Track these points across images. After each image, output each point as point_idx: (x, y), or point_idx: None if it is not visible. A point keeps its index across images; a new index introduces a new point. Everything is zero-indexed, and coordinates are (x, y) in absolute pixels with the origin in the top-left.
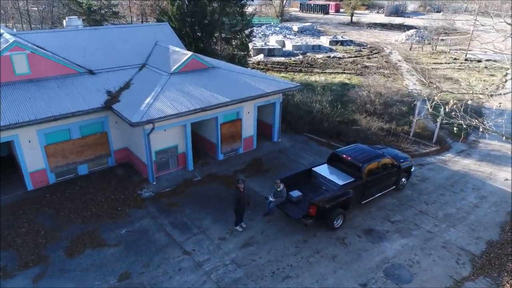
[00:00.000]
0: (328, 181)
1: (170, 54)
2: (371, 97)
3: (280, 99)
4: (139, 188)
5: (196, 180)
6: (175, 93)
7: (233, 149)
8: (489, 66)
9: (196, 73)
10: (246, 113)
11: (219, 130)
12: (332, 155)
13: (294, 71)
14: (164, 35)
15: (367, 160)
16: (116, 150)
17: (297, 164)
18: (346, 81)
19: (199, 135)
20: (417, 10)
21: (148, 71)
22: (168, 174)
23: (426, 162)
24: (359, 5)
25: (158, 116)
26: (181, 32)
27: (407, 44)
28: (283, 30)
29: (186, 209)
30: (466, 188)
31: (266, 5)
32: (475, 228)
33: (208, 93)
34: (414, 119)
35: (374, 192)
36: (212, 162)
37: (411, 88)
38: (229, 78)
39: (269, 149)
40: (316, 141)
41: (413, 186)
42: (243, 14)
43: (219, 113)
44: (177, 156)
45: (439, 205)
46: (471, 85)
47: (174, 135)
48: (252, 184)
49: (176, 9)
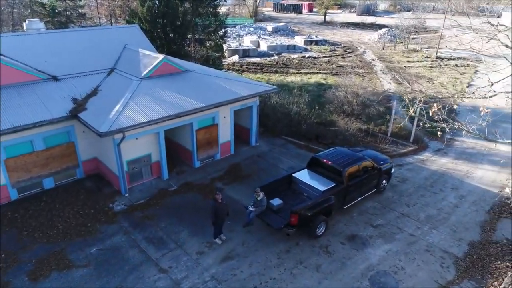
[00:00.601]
0: (309, 187)
1: (141, 58)
2: (348, 98)
3: (257, 102)
4: (110, 201)
5: (172, 190)
6: (147, 99)
7: (209, 155)
8: (459, 64)
9: (168, 77)
10: (223, 118)
11: (195, 137)
12: (312, 160)
13: (270, 72)
14: (133, 38)
15: (348, 164)
16: (84, 161)
17: (276, 169)
18: (322, 81)
19: (174, 141)
20: (388, 9)
21: (117, 76)
22: (142, 185)
23: (405, 162)
24: (331, 4)
25: (128, 125)
26: (153, 34)
27: (380, 43)
28: (257, 30)
29: (162, 222)
30: (445, 188)
31: (239, 5)
32: (456, 229)
33: (181, 98)
34: (391, 119)
35: (356, 196)
36: (188, 170)
37: (386, 88)
38: (203, 82)
39: (247, 154)
40: (295, 144)
41: (394, 187)
42: (216, 14)
43: (194, 118)
44: (151, 165)
45: (420, 207)
46: (443, 84)
47: (147, 143)
48: (230, 192)
49: (146, 10)
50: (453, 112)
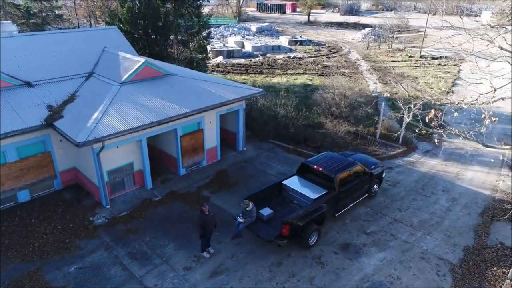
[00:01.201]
0: (299, 195)
1: (120, 61)
2: (336, 100)
3: (244, 106)
4: (90, 213)
5: (156, 200)
6: (127, 105)
7: (195, 162)
8: (442, 63)
9: (150, 82)
10: (208, 123)
11: (179, 143)
12: (302, 166)
13: (255, 73)
14: (113, 40)
15: (339, 169)
16: (62, 171)
17: (265, 175)
18: (308, 82)
19: (158, 148)
20: (370, 9)
21: (96, 81)
22: (124, 195)
23: (395, 165)
24: (315, 4)
25: (108, 133)
26: (134, 35)
27: (364, 42)
28: (241, 30)
29: (146, 236)
30: (437, 190)
31: (223, 5)
32: (450, 234)
33: (164, 104)
34: (380, 120)
35: (348, 202)
36: (173, 178)
37: (372, 88)
38: (187, 85)
39: (235, 160)
40: (283, 148)
41: (385, 191)
42: (199, 15)
43: (178, 124)
44: (133, 175)
45: (412, 211)
46: (429, 83)
47: (129, 151)
48: (218, 201)
49: (126, 11)
50: (441, 111)
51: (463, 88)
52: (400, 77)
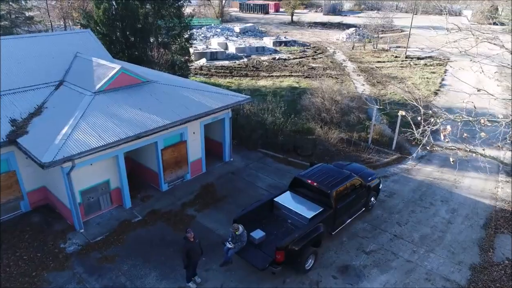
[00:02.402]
0: (294, 213)
1: (94, 68)
2: (326, 105)
3: (230, 114)
4: (62, 239)
5: (136, 221)
6: (101, 118)
7: (179, 176)
8: (428, 63)
9: (127, 90)
10: (191, 134)
11: (160, 157)
12: (295, 181)
13: (240, 75)
14: (86, 45)
15: (335, 184)
16: (30, 192)
17: (254, 188)
18: (295, 85)
19: (137, 162)
20: (353, 8)
21: (67, 90)
22: (100, 217)
23: (390, 173)
24: (298, 4)
25: (78, 152)
26: (112, 38)
27: (349, 42)
28: (224, 31)
29: (124, 264)
30: (435, 201)
31: (205, 6)
32: (454, 251)
33: (143, 115)
34: (372, 126)
35: (345, 219)
36: (154, 194)
37: (360, 90)
38: (168, 93)
39: (221, 171)
40: (272, 158)
41: (382, 203)
42: (180, 16)
43: (159, 137)
44: (110, 193)
45: (412, 225)
46: (416, 84)
47: (104, 168)
48: (204, 220)
49: (102, 13)
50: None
51: (450, 88)
52: (387, 78)
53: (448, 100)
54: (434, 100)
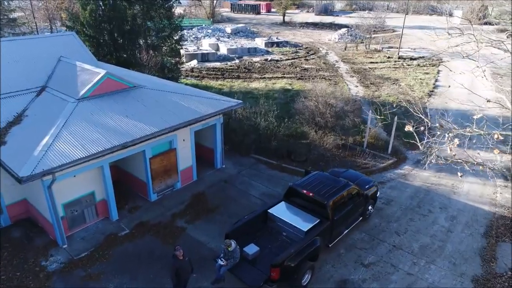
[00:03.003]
0: (289, 226)
1: (78, 73)
2: (320, 108)
3: (221, 120)
4: (43, 256)
5: (123, 235)
6: (85, 126)
7: (168, 185)
8: (421, 63)
9: (113, 96)
10: (181, 141)
11: (149, 166)
12: (290, 190)
13: (231, 77)
14: (70, 48)
15: (332, 194)
16: (10, 205)
17: (247, 196)
18: (288, 87)
19: (125, 171)
20: (344, 8)
21: (49, 96)
22: (85, 230)
23: (387, 179)
24: (290, 4)
25: (59, 164)
26: (99, 40)
27: (341, 43)
28: (216, 32)
29: (110, 283)
30: (434, 207)
31: (195, 6)
32: (455, 262)
33: (129, 123)
34: (367, 129)
35: (342, 229)
36: (143, 205)
37: (354, 92)
38: (156, 99)
39: (213, 179)
40: (266, 164)
41: (380, 211)
42: (170, 17)
43: (147, 145)
44: (95, 205)
45: (411, 235)
46: (410, 85)
47: (89, 180)
48: (194, 233)
49: (89, 14)
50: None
51: (445, 90)
52: (381, 79)
53: (442, 101)
54: (428, 102)
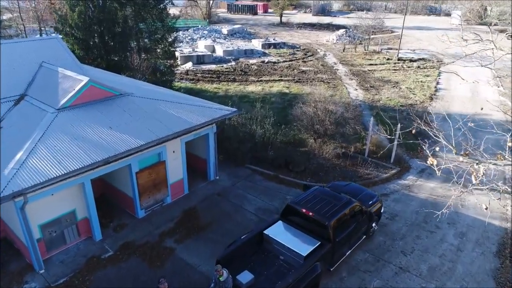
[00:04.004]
0: (286, 249)
1: (60, 80)
2: (319, 115)
3: (214, 129)
4: (17, 283)
5: (106, 257)
6: (64, 140)
7: (157, 200)
8: (421, 65)
9: (96, 106)
10: (171, 153)
11: (135, 181)
12: (287, 209)
13: (227, 80)
14: (54, 53)
15: (333, 213)
16: None
17: (242, 212)
18: (285, 90)
19: (111, 185)
20: (342, 9)
21: (28, 106)
22: (65, 252)
23: (390, 190)
24: (287, 5)
25: (32, 184)
26: (89, 43)
27: (339, 44)
28: (212, 33)
29: None
30: (441, 223)
31: (191, 7)
32: (467, 286)
33: (113, 135)
34: (368, 137)
35: (345, 251)
36: (129, 222)
37: (353, 95)
38: (144, 108)
39: (205, 193)
40: (262, 175)
41: (384, 227)
42: (163, 19)
43: (133, 159)
44: (77, 224)
45: (419, 254)
46: (411, 89)
47: (68, 197)
48: (185, 254)
49: (78, 16)
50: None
51: (447, 93)
52: (380, 82)
53: (444, 105)
54: (430, 106)
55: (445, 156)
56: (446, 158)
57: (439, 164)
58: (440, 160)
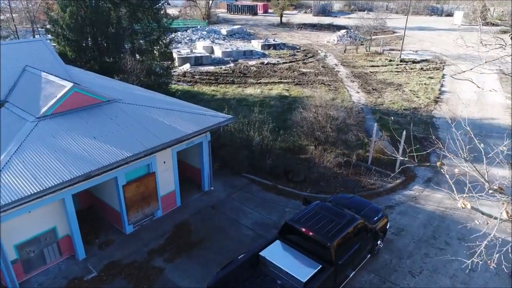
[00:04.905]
0: (285, 274)
1: (42, 86)
2: (319, 120)
3: (208, 137)
4: None
5: (90, 279)
6: (43, 152)
7: (147, 214)
8: (424, 67)
9: (81, 114)
10: (162, 164)
11: (122, 194)
12: (286, 228)
13: (225, 82)
14: (39, 56)
15: (336, 232)
16: None
17: (238, 227)
18: (284, 93)
19: (97, 198)
20: (343, 9)
21: (7, 114)
22: (45, 273)
23: (395, 202)
24: (287, 5)
25: (2, 204)
26: (81, 45)
27: (340, 45)
28: (211, 33)
29: None
30: (451, 239)
31: (191, 7)
32: None
33: (97, 146)
34: (372, 144)
35: (348, 273)
36: (116, 239)
37: (355, 99)
38: (133, 116)
39: (199, 205)
40: (260, 185)
41: (389, 244)
42: (159, 20)
43: (119, 171)
44: (58, 243)
45: (428, 275)
46: (415, 91)
47: (48, 214)
48: (175, 275)
49: (69, 17)
50: (430, 127)
51: (451, 96)
52: (383, 84)
53: (450, 109)
54: (435, 110)
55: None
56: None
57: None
58: (447, 168)
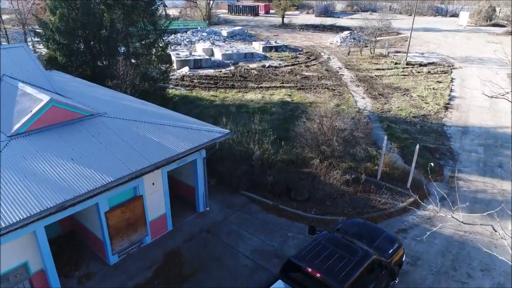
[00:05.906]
0: None
1: (18, 99)
2: (325, 132)
3: (203, 154)
4: None
5: None
6: (10, 179)
7: (133, 242)
8: (431, 70)
9: (59, 131)
10: (150, 186)
11: (105, 222)
12: (289, 265)
13: (225, 87)
14: (19, 63)
15: (347, 273)
16: None
17: (235, 256)
18: (287, 99)
19: (79, 222)
20: (345, 10)
21: None
22: None
23: (409, 225)
24: (289, 6)
25: None
26: (72, 49)
27: (343, 47)
28: (211, 35)
29: None
30: (473, 270)
31: (191, 8)
32: None
33: (76, 170)
34: (381, 158)
35: None
36: (99, 270)
37: (360, 104)
38: (118, 132)
39: (193, 229)
40: (260, 204)
41: (405, 276)
42: (155, 22)
43: (101, 197)
44: (30, 279)
45: None
46: (423, 97)
47: (18, 248)
48: None
49: (59, 20)
50: (441, 137)
51: (462, 101)
52: (389, 89)
53: (461, 117)
54: (445, 117)
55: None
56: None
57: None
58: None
